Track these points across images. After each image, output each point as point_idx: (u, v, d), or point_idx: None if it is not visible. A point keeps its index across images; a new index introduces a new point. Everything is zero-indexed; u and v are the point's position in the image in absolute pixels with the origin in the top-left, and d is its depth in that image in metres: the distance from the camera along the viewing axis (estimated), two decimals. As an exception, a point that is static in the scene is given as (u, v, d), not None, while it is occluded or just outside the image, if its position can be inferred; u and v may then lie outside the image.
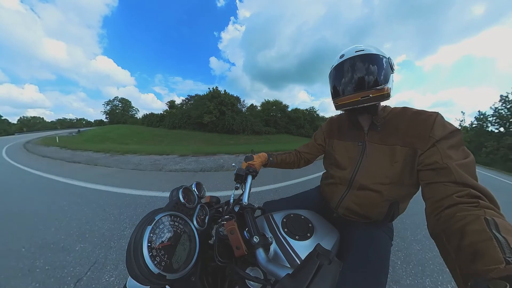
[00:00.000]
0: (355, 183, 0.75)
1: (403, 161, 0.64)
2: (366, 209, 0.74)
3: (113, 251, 1.62)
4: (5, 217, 2.21)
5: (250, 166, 0.84)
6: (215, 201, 0.78)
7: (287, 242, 0.56)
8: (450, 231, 0.42)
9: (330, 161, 0.91)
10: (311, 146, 1.03)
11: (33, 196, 2.90)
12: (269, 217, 0.69)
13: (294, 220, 0.67)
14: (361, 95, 0.66)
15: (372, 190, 0.70)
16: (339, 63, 0.71)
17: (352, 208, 0.76)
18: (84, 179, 3.71)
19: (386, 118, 0.72)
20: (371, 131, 0.75)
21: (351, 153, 0.79)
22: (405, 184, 0.66)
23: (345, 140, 0.84)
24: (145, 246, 0.37)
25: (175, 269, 0.40)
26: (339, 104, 0.74)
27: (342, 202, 0.79)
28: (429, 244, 1.94)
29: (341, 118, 0.93)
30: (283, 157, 1.01)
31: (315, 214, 0.75)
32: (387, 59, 0.67)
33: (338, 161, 0.83)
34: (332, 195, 0.84)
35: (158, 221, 0.43)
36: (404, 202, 0.73)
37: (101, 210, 2.38)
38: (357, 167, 0.75)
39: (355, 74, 0.67)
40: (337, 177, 0.82)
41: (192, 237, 0.49)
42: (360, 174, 0.74)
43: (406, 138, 0.64)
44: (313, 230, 0.63)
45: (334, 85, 0.75)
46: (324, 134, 0.98)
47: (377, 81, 0.64)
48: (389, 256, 0.67)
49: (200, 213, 0.60)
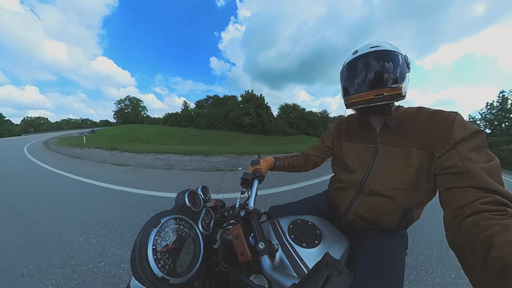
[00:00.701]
0: (365, 188, 0.71)
1: (419, 164, 0.60)
2: (377, 216, 0.70)
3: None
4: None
5: (257, 171, 0.83)
6: (221, 205, 0.78)
7: (294, 250, 0.54)
8: (473, 242, 0.39)
9: (338, 164, 0.87)
10: (319, 149, 0.99)
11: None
12: (275, 222, 0.68)
13: (301, 226, 0.65)
14: (375, 93, 0.63)
15: (384, 195, 0.66)
16: (353, 59, 0.68)
17: (362, 215, 0.72)
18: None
19: (400, 119, 0.69)
20: (384, 132, 0.71)
21: (362, 155, 0.75)
22: (420, 190, 0.62)
23: (355, 142, 0.80)
24: (150, 248, 0.37)
25: (178, 273, 0.39)
26: (351, 102, 0.71)
27: (352, 208, 0.75)
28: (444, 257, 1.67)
29: (351, 118, 0.89)
30: (290, 161, 0.99)
31: (323, 220, 0.72)
32: (404, 57, 0.64)
33: (348, 164, 0.79)
34: (340, 200, 0.81)
35: (164, 224, 0.43)
36: (418, 209, 0.69)
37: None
38: (368, 171, 0.71)
39: (369, 71, 0.64)
40: (346, 181, 0.79)
41: (196, 241, 0.48)
42: (371, 179, 0.70)
43: (422, 140, 0.61)
44: (321, 237, 0.60)
45: (346, 82, 0.72)
46: (332, 135, 0.94)
47: (393, 79, 0.62)
48: (404, 266, 0.63)
49: (205, 217, 0.60)
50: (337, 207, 0.83)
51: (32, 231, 1.99)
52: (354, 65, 0.68)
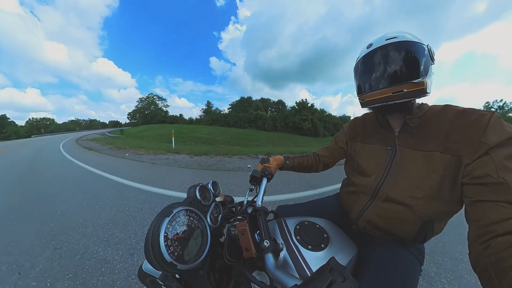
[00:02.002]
0: (380, 194, 0.66)
1: (443, 171, 0.54)
2: (392, 225, 0.65)
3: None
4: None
5: (266, 169, 0.83)
6: (229, 200, 0.80)
7: (299, 251, 0.54)
8: (502, 266, 0.35)
9: (352, 167, 0.82)
10: (331, 149, 0.95)
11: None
12: (281, 222, 0.68)
13: (308, 228, 0.64)
14: (393, 90, 0.58)
15: (401, 203, 0.61)
16: (367, 54, 0.63)
17: (375, 222, 0.68)
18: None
19: (423, 118, 0.62)
20: (404, 133, 0.65)
21: (378, 158, 0.70)
22: (444, 200, 0.56)
23: (371, 143, 0.75)
24: (162, 235, 0.40)
25: (186, 261, 0.42)
26: (366, 101, 0.66)
27: (364, 214, 0.71)
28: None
29: (366, 118, 0.83)
30: (300, 160, 0.96)
31: (331, 224, 0.70)
32: (426, 47, 0.58)
33: (362, 167, 0.75)
34: (352, 204, 0.77)
35: (175, 214, 0.46)
36: (440, 222, 0.63)
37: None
38: (384, 175, 0.66)
39: (386, 65, 0.59)
40: (359, 185, 0.74)
41: (204, 233, 0.51)
42: (387, 184, 0.65)
43: (448, 143, 0.54)
44: (328, 241, 0.59)
45: (361, 79, 0.67)
46: (346, 136, 0.89)
47: (414, 73, 0.56)
48: (417, 283, 0.59)
49: (214, 211, 0.62)
50: (348, 212, 0.80)
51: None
52: (369, 59, 0.63)
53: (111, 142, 10.61)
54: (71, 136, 24.71)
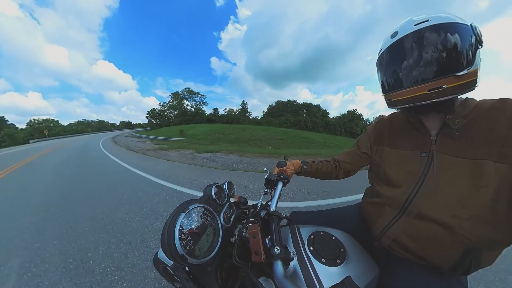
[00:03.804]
0: (411, 208, 0.57)
1: (497, 186, 0.44)
2: (425, 248, 0.56)
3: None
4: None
5: (282, 173, 0.81)
6: (243, 202, 0.80)
7: (311, 263, 0.51)
8: None
9: (377, 175, 0.72)
10: (353, 155, 0.85)
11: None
12: (295, 229, 0.66)
13: (323, 239, 0.60)
14: (429, 86, 0.48)
15: (438, 222, 0.51)
16: (392, 45, 0.54)
17: (403, 242, 0.59)
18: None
19: (469, 118, 0.52)
20: (443, 136, 0.55)
21: (410, 166, 0.61)
22: (497, 224, 0.46)
23: (400, 148, 0.65)
24: (177, 229, 0.43)
25: (196, 255, 0.44)
26: (394, 101, 0.57)
27: (389, 231, 0.62)
28: None
29: (394, 118, 0.73)
30: (318, 166, 0.89)
31: (350, 238, 0.65)
32: (470, 27, 0.47)
33: (389, 176, 0.65)
34: (376, 218, 0.68)
35: (191, 211, 0.48)
36: (492, 251, 0.51)
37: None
38: (416, 187, 0.57)
39: (417, 57, 0.49)
40: (385, 197, 0.65)
41: (216, 231, 0.52)
42: (420, 197, 0.56)
43: (505, 149, 0.44)
44: (345, 257, 0.55)
45: (386, 75, 0.59)
46: (370, 139, 0.78)
47: (456, 64, 0.46)
48: None
49: (227, 211, 0.63)
50: (370, 226, 0.72)
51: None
52: (395, 51, 0.54)
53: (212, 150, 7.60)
54: (102, 137, 21.79)
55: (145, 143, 12.79)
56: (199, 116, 52.79)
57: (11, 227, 2.31)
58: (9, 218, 2.56)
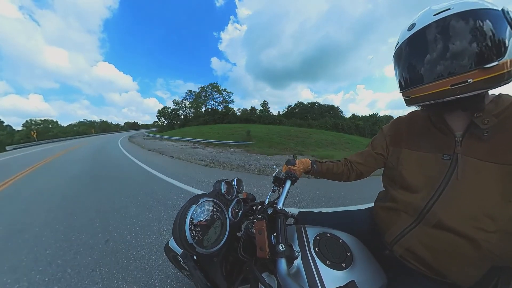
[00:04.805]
0: (430, 217, 0.52)
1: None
2: (443, 261, 0.51)
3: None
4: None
5: (291, 171, 0.80)
6: (251, 198, 0.82)
7: (315, 264, 0.51)
8: None
9: (392, 178, 0.68)
10: (367, 156, 0.79)
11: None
12: (301, 229, 0.66)
13: (329, 241, 0.60)
14: (452, 81, 0.44)
15: (461, 235, 0.47)
16: (411, 37, 0.50)
17: (418, 252, 0.55)
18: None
19: (502, 117, 0.46)
20: (470, 138, 0.50)
21: (429, 170, 0.56)
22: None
23: (420, 150, 0.60)
24: (188, 220, 0.45)
25: (204, 246, 0.46)
26: (413, 98, 0.53)
27: (403, 239, 0.58)
28: None
29: (414, 117, 0.68)
30: (329, 166, 0.86)
31: (358, 243, 0.63)
32: (501, 14, 0.42)
33: (406, 180, 0.60)
34: (389, 224, 0.64)
35: (201, 204, 0.51)
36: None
37: None
38: (437, 193, 0.52)
39: (438, 49, 0.45)
40: (401, 202, 0.61)
41: (224, 224, 0.54)
42: (441, 205, 0.51)
43: None
44: (351, 262, 0.54)
45: (403, 69, 0.55)
46: (386, 140, 0.73)
47: (483, 54, 0.41)
48: None
49: (235, 206, 0.66)
50: (382, 232, 0.67)
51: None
52: (414, 44, 0.50)
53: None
54: (116, 140, 16.20)
55: (208, 151, 8.87)
56: (231, 115, 47.84)
57: None
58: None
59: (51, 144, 20.49)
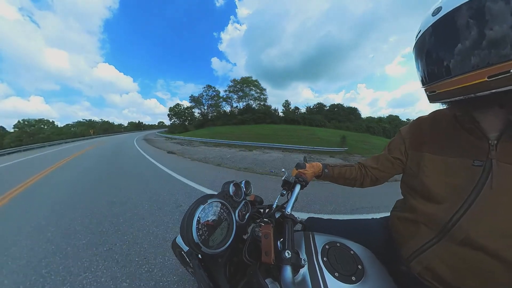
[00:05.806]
0: (455, 232, 0.47)
1: None
2: (469, 283, 0.46)
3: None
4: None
5: (301, 175, 0.78)
6: (259, 201, 0.82)
7: (322, 275, 0.49)
8: None
9: (412, 186, 0.61)
10: (383, 160, 0.73)
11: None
12: (309, 236, 0.63)
13: (339, 252, 0.57)
14: (489, 72, 0.37)
15: (493, 254, 0.42)
16: (436, 23, 0.43)
17: (439, 272, 0.50)
18: None
19: None
20: (507, 141, 0.44)
21: (457, 178, 0.50)
22: None
23: (445, 154, 0.54)
24: (195, 219, 0.46)
25: (209, 246, 0.47)
26: (439, 93, 0.47)
27: (423, 255, 0.53)
28: None
29: (438, 117, 0.61)
30: (341, 170, 0.81)
31: (371, 255, 0.59)
32: None
33: (428, 188, 0.54)
34: (407, 237, 0.58)
35: (209, 204, 0.52)
36: None
37: None
38: (465, 205, 0.46)
39: (470, 34, 0.39)
40: (421, 213, 0.55)
41: (230, 226, 0.54)
42: (469, 219, 0.45)
43: None
44: (362, 276, 0.51)
45: (427, 61, 0.48)
46: (405, 143, 0.66)
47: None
48: None
49: (243, 208, 0.66)
50: (398, 246, 0.62)
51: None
52: (441, 31, 0.43)
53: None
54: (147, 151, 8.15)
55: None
56: (274, 115, 41.54)
57: None
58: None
59: (21, 154, 11.01)
